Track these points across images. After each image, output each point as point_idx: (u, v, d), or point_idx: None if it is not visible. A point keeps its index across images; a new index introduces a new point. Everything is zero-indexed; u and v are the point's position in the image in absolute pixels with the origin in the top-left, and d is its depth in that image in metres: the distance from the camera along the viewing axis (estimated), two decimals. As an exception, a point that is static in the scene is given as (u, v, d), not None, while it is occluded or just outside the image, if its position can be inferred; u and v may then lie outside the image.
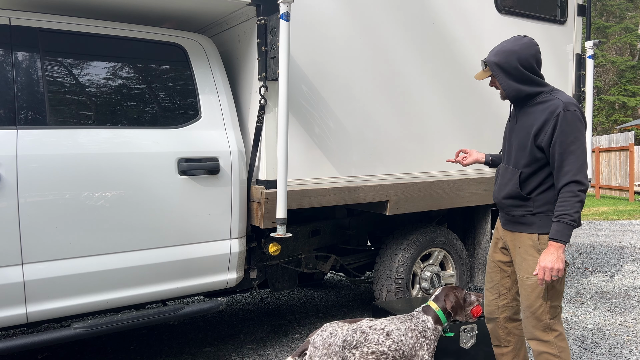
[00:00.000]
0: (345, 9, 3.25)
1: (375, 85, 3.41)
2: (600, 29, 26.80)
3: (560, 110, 2.16)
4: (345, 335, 2.22)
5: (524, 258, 2.33)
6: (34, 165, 2.47)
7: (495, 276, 2.55)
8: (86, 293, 2.63)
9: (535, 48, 2.27)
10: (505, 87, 2.28)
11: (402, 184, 3.53)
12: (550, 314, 2.29)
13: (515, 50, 2.24)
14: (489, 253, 2.60)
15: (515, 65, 2.23)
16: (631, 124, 20.55)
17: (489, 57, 2.30)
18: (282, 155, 2.76)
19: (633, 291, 5.04)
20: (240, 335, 3.93)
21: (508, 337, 2.56)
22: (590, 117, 4.33)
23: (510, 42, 2.28)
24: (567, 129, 2.15)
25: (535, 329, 2.32)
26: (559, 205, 2.16)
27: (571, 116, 2.16)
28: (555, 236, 2.14)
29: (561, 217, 2.14)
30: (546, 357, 2.32)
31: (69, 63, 2.70)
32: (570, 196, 2.13)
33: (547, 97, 2.25)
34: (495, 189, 2.48)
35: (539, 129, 2.21)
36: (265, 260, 3.45)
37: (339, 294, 5.11)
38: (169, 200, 2.80)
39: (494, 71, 2.28)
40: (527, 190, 2.29)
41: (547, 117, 2.18)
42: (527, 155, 2.27)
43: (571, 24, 4.38)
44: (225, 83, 3.12)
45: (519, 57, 2.23)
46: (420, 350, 2.33)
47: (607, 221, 10.47)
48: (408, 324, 2.37)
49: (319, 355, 2.15)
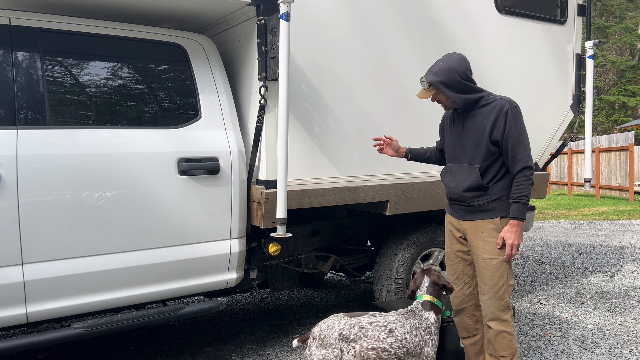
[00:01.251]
0: (345, 9, 3.25)
1: (375, 85, 3.41)
2: (600, 29, 26.81)
3: (507, 107, 2.48)
4: (342, 329, 2.24)
5: (487, 241, 2.55)
6: (34, 165, 2.47)
7: (458, 266, 2.74)
8: (86, 293, 2.63)
9: (466, 61, 2.56)
10: (455, 100, 2.54)
11: (402, 184, 3.53)
12: (509, 293, 2.56)
13: (453, 67, 2.51)
14: (447, 246, 2.79)
15: (457, 80, 2.51)
16: (631, 124, 20.56)
17: (431, 78, 2.54)
18: (282, 155, 2.76)
19: (633, 291, 5.04)
20: (240, 335, 3.93)
21: (476, 325, 2.76)
22: (590, 117, 4.33)
23: (445, 62, 2.54)
24: (515, 123, 2.48)
25: (497, 309, 2.54)
26: (516, 189, 2.48)
27: (516, 112, 2.50)
28: (517, 215, 2.46)
29: (519, 198, 2.46)
30: (504, 336, 2.54)
31: (69, 63, 2.70)
32: (524, 180, 2.47)
33: (489, 99, 2.56)
34: (451, 186, 2.67)
35: (492, 127, 2.50)
36: (265, 260, 3.45)
37: (339, 294, 5.11)
38: (169, 200, 2.80)
39: (439, 89, 2.54)
40: (486, 181, 2.56)
41: (497, 114, 2.49)
42: (483, 152, 2.54)
43: (571, 24, 4.38)
44: (225, 83, 3.12)
45: (458, 72, 2.51)
46: (426, 347, 2.35)
47: (607, 221, 10.47)
48: (412, 321, 2.39)
49: (315, 345, 2.22)
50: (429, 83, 2.55)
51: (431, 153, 3.00)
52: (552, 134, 4.34)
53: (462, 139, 2.63)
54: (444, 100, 2.62)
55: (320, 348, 2.18)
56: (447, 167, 2.75)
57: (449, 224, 2.78)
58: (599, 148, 15.72)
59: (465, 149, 2.61)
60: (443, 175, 2.76)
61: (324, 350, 2.18)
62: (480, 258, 2.57)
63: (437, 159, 2.99)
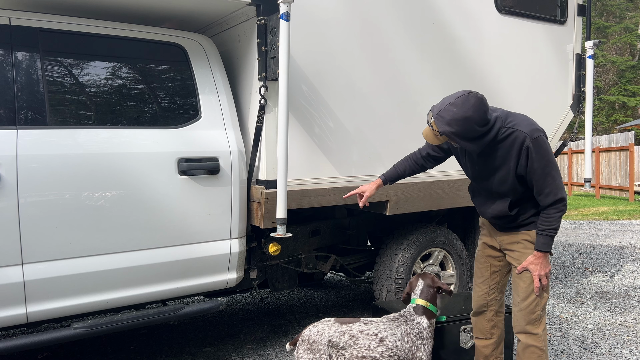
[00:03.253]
0: (345, 9, 3.25)
1: (375, 85, 3.41)
2: (600, 29, 26.81)
3: (527, 142, 2.22)
4: (331, 336, 2.24)
5: (522, 252, 2.44)
6: (34, 165, 2.47)
7: (486, 271, 2.66)
8: (86, 293, 2.63)
9: (484, 104, 2.18)
10: (469, 148, 2.24)
11: (402, 184, 3.53)
12: (541, 307, 2.42)
13: (468, 116, 2.13)
14: (479, 249, 2.70)
15: (473, 129, 2.17)
16: (631, 124, 20.56)
17: (443, 128, 2.17)
18: (282, 155, 2.76)
19: (633, 291, 5.04)
20: (240, 335, 3.93)
21: (492, 330, 2.69)
22: (590, 117, 4.33)
23: (460, 107, 2.14)
24: (539, 156, 2.23)
25: (526, 322, 2.42)
26: (545, 221, 2.30)
27: (537, 144, 2.23)
28: (542, 248, 2.32)
29: (547, 231, 2.30)
30: (533, 351, 2.42)
31: (69, 63, 2.70)
32: (554, 212, 2.28)
33: (506, 130, 2.26)
34: (481, 206, 2.54)
35: (516, 164, 2.28)
36: (265, 260, 3.45)
37: (339, 294, 5.11)
38: (169, 200, 2.80)
39: (452, 139, 2.22)
40: (515, 210, 2.41)
41: (518, 151, 2.25)
42: (510, 188, 2.35)
43: (571, 24, 4.38)
44: (225, 83, 3.12)
45: (476, 122, 2.15)
46: (418, 352, 2.33)
47: (607, 221, 10.47)
48: (404, 327, 2.37)
49: (303, 348, 2.22)
50: (439, 132, 2.20)
51: (409, 166, 2.73)
52: (552, 134, 4.34)
53: (484, 171, 2.40)
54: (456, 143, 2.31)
55: (307, 352, 2.18)
56: (475, 187, 2.58)
57: (483, 227, 2.65)
58: (599, 148, 15.72)
59: (490, 182, 2.41)
60: (472, 194, 2.60)
61: (311, 355, 2.18)
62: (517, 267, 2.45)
63: (419, 167, 2.73)
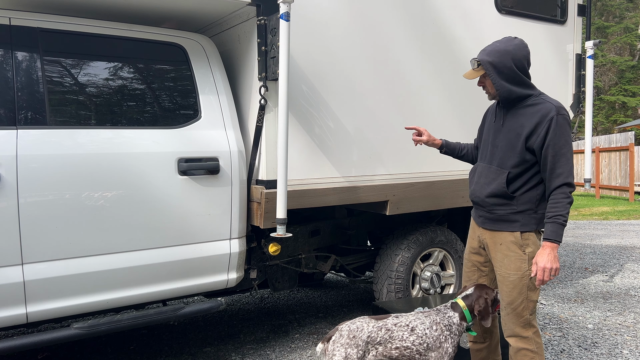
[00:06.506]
0: (345, 9, 3.25)
1: (375, 85, 3.41)
2: (600, 29, 26.81)
3: (553, 114, 2.20)
4: (370, 332, 2.30)
5: (505, 255, 2.35)
6: (34, 165, 2.47)
7: (473, 275, 2.60)
8: (86, 293, 2.63)
9: (526, 49, 2.28)
10: (498, 87, 2.28)
11: (402, 184, 3.53)
12: (530, 310, 2.33)
13: (509, 50, 2.24)
14: (466, 253, 2.64)
15: (509, 65, 2.24)
16: (631, 124, 20.56)
17: (482, 57, 2.29)
18: (282, 155, 2.76)
19: (633, 291, 5.04)
20: (240, 335, 3.93)
21: (484, 334, 2.63)
22: (590, 117, 4.33)
23: (503, 43, 2.28)
24: (560, 133, 2.19)
25: (515, 325, 2.36)
26: (552, 207, 2.20)
27: (563, 120, 2.21)
28: (551, 237, 2.18)
29: (555, 217, 2.18)
30: (524, 354, 2.36)
31: (69, 63, 2.70)
32: (562, 197, 2.19)
33: (537, 100, 2.28)
34: (474, 188, 2.48)
35: (531, 132, 2.23)
36: (265, 260, 3.45)
37: (339, 294, 5.11)
38: (169, 200, 2.80)
39: (487, 70, 2.28)
40: (512, 189, 2.32)
41: (540, 120, 2.22)
42: (516, 156, 2.29)
43: (571, 24, 4.38)
44: (225, 83, 3.12)
45: (513, 58, 2.24)
46: (445, 342, 2.37)
47: (607, 221, 10.47)
48: (433, 317, 2.41)
49: (341, 342, 2.25)
50: (478, 62, 2.28)
51: (468, 150, 2.74)
52: (552, 134, 4.34)
53: (497, 138, 2.37)
54: (489, 87, 2.34)
55: (346, 347, 2.24)
56: (475, 166, 2.54)
57: (472, 229, 2.59)
58: (599, 148, 15.72)
59: (498, 149, 2.36)
60: (470, 174, 2.57)
61: (349, 350, 2.23)
62: (499, 272, 2.38)
63: (472, 157, 2.73)
